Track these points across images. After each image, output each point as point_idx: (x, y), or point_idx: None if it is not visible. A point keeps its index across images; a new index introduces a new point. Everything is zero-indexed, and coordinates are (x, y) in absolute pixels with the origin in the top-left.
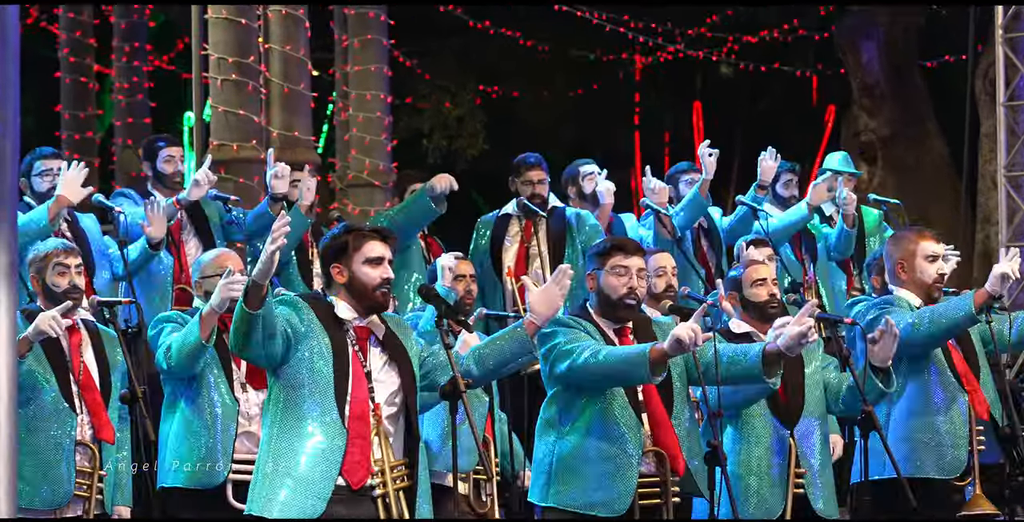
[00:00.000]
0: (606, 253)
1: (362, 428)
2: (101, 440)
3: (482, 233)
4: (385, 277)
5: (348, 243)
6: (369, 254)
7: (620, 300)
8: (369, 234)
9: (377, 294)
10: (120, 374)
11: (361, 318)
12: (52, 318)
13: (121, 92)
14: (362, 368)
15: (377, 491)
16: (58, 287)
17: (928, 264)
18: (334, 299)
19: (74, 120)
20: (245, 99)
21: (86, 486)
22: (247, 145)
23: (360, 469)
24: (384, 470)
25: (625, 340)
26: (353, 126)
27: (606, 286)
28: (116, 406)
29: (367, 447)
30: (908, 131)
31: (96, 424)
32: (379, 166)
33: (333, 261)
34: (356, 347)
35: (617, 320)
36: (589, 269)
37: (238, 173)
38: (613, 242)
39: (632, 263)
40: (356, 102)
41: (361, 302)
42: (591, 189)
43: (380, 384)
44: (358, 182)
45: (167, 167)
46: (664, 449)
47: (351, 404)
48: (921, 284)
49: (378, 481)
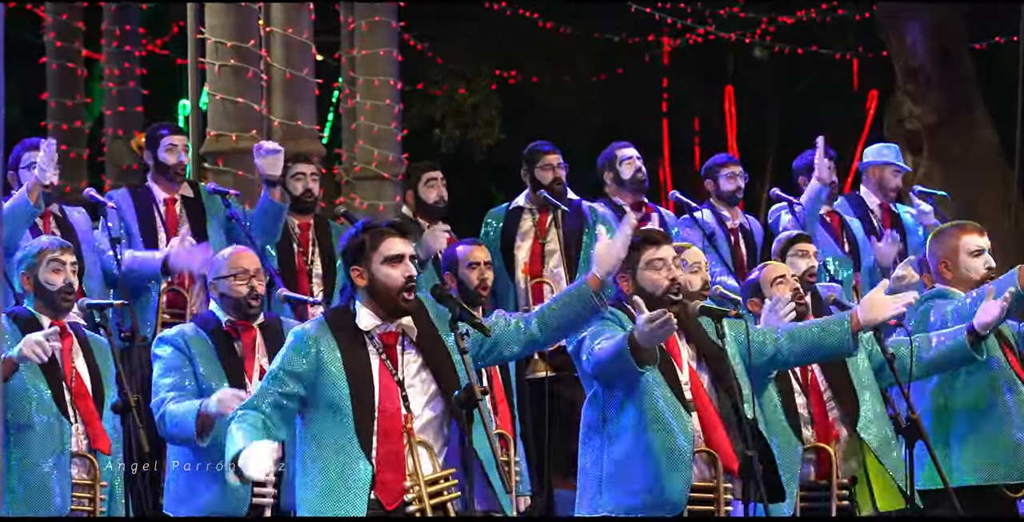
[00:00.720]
0: (635, 248)
1: (393, 444)
2: (97, 450)
3: (491, 227)
4: (408, 275)
5: (365, 243)
6: (388, 253)
7: (665, 295)
8: (386, 230)
9: (401, 296)
10: (113, 383)
11: (387, 323)
12: (37, 343)
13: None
14: (392, 377)
15: (412, 507)
16: (52, 285)
17: (973, 259)
18: (358, 306)
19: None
20: (244, 86)
21: (87, 500)
22: (246, 135)
23: (394, 488)
24: (419, 484)
25: (670, 340)
26: (360, 114)
27: (646, 283)
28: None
29: (401, 464)
30: (956, 118)
31: (91, 434)
32: (388, 157)
33: (352, 264)
34: (383, 355)
35: None
36: (618, 273)
37: (237, 165)
38: (641, 235)
39: (666, 253)
40: (363, 89)
41: (384, 306)
42: (630, 175)
43: (415, 390)
44: (366, 174)
45: (169, 157)
46: (716, 450)
47: (379, 419)
48: (968, 281)
49: (412, 497)
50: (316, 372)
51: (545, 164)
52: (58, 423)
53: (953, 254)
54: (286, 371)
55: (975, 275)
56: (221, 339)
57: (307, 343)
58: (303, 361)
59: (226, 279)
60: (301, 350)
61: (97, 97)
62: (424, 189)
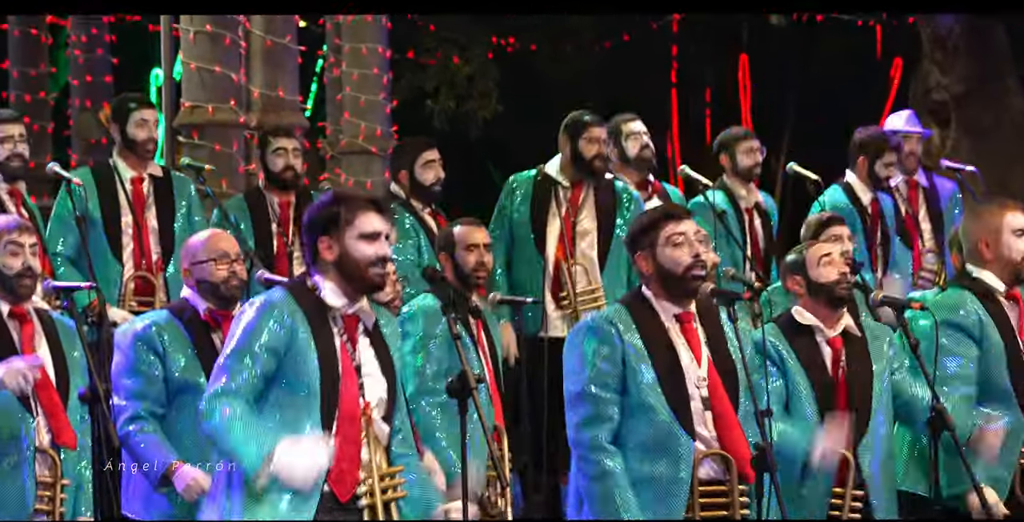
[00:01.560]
0: (654, 225)
1: (352, 431)
2: (61, 445)
3: (517, 196)
4: (381, 254)
5: (339, 215)
6: (365, 229)
7: (688, 272)
8: (364, 204)
9: (371, 272)
10: (81, 371)
11: (351, 304)
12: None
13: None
14: (351, 362)
15: (363, 501)
16: (10, 269)
17: (1017, 239)
18: (320, 281)
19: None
20: (222, 54)
21: (47, 498)
22: (224, 107)
23: (348, 478)
24: (372, 477)
25: (688, 328)
26: (347, 85)
27: (667, 260)
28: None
29: (356, 453)
30: (986, 88)
31: (55, 427)
32: (376, 130)
33: (321, 234)
34: (344, 337)
35: (685, 296)
36: (636, 251)
37: (213, 139)
38: (658, 211)
39: (688, 228)
40: (350, 57)
41: (352, 283)
42: (636, 151)
43: (371, 379)
44: (352, 149)
45: (139, 132)
46: (732, 453)
47: (341, 403)
48: (1008, 263)
49: (364, 489)
50: (287, 347)
51: (592, 137)
52: (20, 416)
53: (996, 233)
54: (264, 346)
55: (1017, 256)
56: (199, 330)
57: (281, 313)
58: (280, 333)
59: (204, 264)
60: (277, 320)
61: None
62: (421, 170)
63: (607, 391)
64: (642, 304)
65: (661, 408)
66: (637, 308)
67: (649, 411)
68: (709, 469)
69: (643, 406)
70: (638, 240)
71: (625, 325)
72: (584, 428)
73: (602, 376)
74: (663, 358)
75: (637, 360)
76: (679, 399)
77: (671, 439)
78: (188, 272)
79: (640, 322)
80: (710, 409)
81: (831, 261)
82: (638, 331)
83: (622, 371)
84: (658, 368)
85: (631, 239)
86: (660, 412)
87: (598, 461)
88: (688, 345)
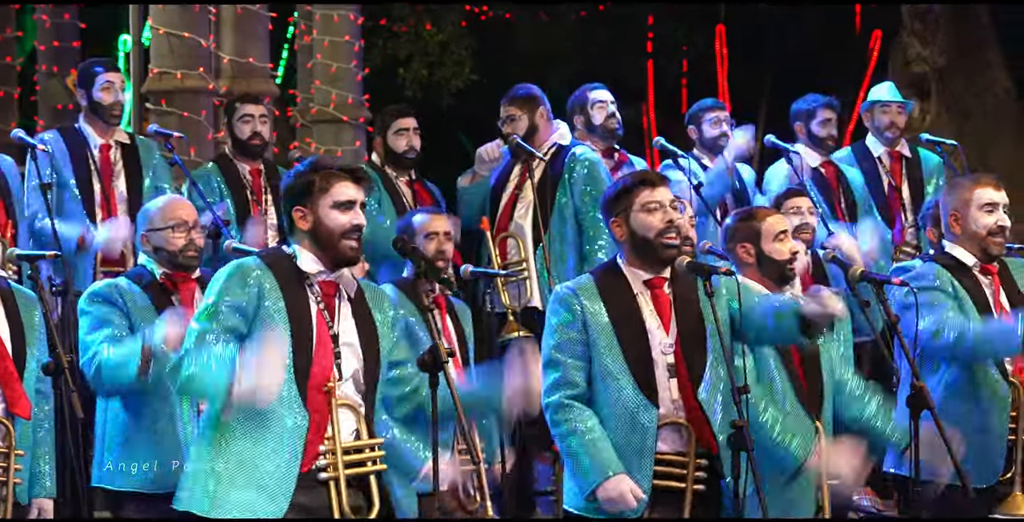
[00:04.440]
0: (629, 190)
1: (321, 401)
2: (15, 415)
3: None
4: (356, 224)
5: (314, 183)
6: (339, 197)
7: (659, 237)
8: (339, 174)
9: (344, 243)
10: (39, 340)
11: (328, 271)
12: None
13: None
14: (327, 329)
15: (324, 474)
16: None
17: (984, 215)
18: (296, 249)
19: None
20: (191, 20)
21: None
22: (193, 73)
23: (311, 450)
24: (336, 450)
25: (658, 293)
26: (318, 52)
27: (640, 226)
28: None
29: (324, 423)
30: (967, 61)
31: (9, 396)
32: (348, 99)
33: (296, 203)
34: (321, 304)
35: (658, 263)
36: (610, 217)
37: (182, 106)
38: (634, 177)
39: (663, 195)
40: (321, 24)
41: (327, 252)
42: (602, 120)
43: (349, 348)
44: (323, 117)
45: (106, 96)
46: (693, 422)
47: (312, 372)
48: (976, 237)
49: (325, 462)
50: (256, 309)
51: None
52: None
53: (964, 207)
54: (228, 305)
55: (983, 231)
56: (157, 292)
57: (248, 275)
58: (244, 293)
59: (161, 231)
60: (242, 282)
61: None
62: (393, 137)
63: (573, 358)
64: (612, 272)
65: (624, 377)
66: (606, 277)
67: (613, 380)
68: (667, 439)
69: (607, 374)
70: (612, 206)
71: (589, 294)
72: (552, 391)
73: (568, 344)
74: (628, 326)
75: (599, 329)
76: (643, 367)
77: (634, 408)
78: (146, 238)
79: (606, 291)
80: (676, 376)
81: (785, 238)
82: (603, 300)
83: (586, 339)
84: (621, 336)
85: (605, 205)
86: (623, 381)
87: (567, 420)
88: (657, 312)
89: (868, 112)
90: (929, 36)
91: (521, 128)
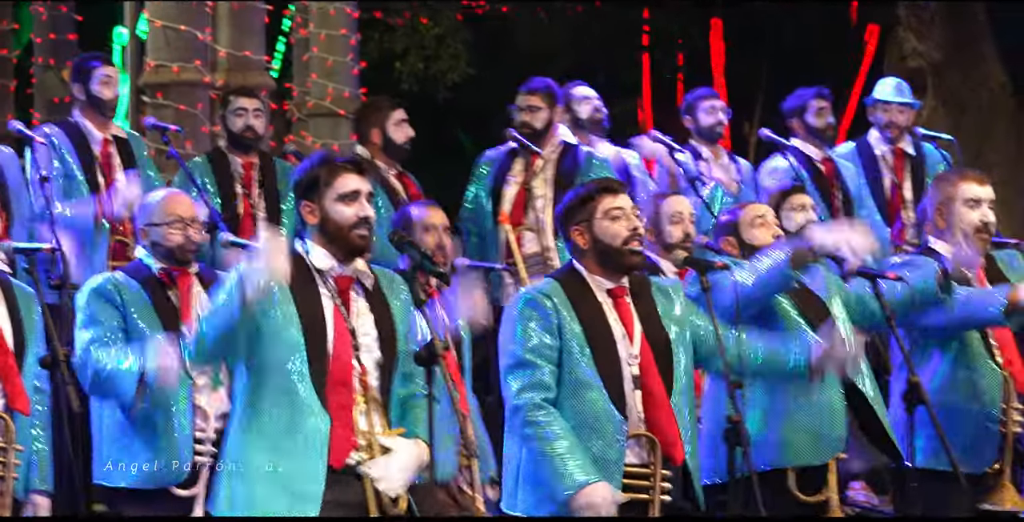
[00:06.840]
0: (591, 197)
1: (344, 396)
2: (14, 411)
3: (484, 172)
4: (362, 215)
5: (319, 177)
6: (342, 189)
7: (624, 246)
8: (342, 166)
9: (353, 235)
10: (38, 337)
11: (342, 265)
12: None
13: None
14: (345, 324)
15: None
16: None
17: (968, 210)
18: (309, 245)
19: None
20: (187, 13)
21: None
22: (189, 67)
23: (343, 446)
24: (372, 443)
25: (620, 303)
26: (314, 45)
27: (604, 234)
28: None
29: (350, 418)
30: (962, 56)
31: (9, 392)
32: (344, 92)
33: (304, 198)
34: (337, 300)
35: (620, 270)
36: (571, 225)
37: (179, 99)
38: (596, 185)
39: (625, 202)
40: (318, 17)
41: (336, 244)
42: (587, 115)
43: (368, 340)
44: (319, 111)
45: (104, 91)
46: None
47: (333, 367)
48: (960, 233)
49: (364, 456)
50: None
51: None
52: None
53: (948, 201)
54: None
55: (967, 227)
56: (155, 287)
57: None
58: None
59: (159, 227)
60: None
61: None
62: (394, 128)
63: (544, 361)
64: (575, 279)
65: (595, 386)
66: (570, 284)
67: (583, 389)
68: (632, 451)
69: (577, 383)
70: (574, 214)
71: (561, 300)
72: (524, 393)
73: (543, 348)
74: (597, 335)
75: (572, 336)
76: (612, 377)
77: (604, 418)
78: (144, 232)
79: (574, 298)
80: (640, 388)
81: (764, 223)
82: (573, 307)
83: (559, 345)
84: (593, 345)
85: (565, 213)
86: (593, 390)
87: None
88: (621, 321)
89: (872, 108)
90: (925, 31)
91: (540, 119)
